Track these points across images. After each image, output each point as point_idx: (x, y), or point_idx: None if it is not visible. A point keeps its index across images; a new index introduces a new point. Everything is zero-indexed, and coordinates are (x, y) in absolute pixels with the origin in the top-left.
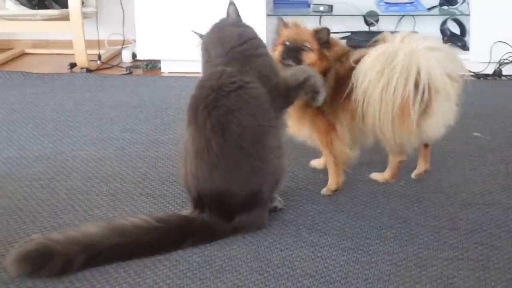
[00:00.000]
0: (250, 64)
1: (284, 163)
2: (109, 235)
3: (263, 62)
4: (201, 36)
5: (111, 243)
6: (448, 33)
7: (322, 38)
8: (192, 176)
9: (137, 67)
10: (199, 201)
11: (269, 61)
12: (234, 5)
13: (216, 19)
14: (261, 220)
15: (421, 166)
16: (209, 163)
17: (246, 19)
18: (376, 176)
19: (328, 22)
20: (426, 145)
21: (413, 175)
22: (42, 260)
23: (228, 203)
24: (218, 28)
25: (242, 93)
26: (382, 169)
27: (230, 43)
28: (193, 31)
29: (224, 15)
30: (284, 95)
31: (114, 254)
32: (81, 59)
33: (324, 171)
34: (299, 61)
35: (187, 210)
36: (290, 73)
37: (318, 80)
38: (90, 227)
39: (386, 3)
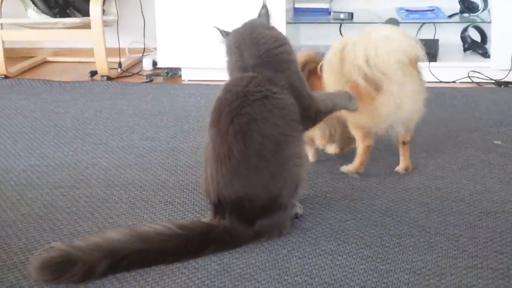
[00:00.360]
0: (284, 71)
1: (303, 171)
2: (132, 241)
3: (296, 70)
4: (224, 33)
5: (134, 249)
6: (469, 40)
7: None
8: (212, 180)
9: (157, 75)
10: (219, 206)
11: (299, 70)
12: (267, 8)
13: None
14: (282, 225)
15: (403, 162)
16: (230, 169)
17: None
18: (345, 168)
19: (348, 30)
20: (404, 143)
21: (399, 169)
22: (64, 267)
23: (248, 207)
24: (252, 28)
25: (267, 103)
26: (400, 177)
27: (266, 45)
28: (215, 27)
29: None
30: (313, 118)
31: (137, 261)
32: (102, 67)
33: (344, 180)
34: None
35: (207, 217)
36: (321, 97)
37: (344, 101)
38: (113, 234)
39: (407, 10)
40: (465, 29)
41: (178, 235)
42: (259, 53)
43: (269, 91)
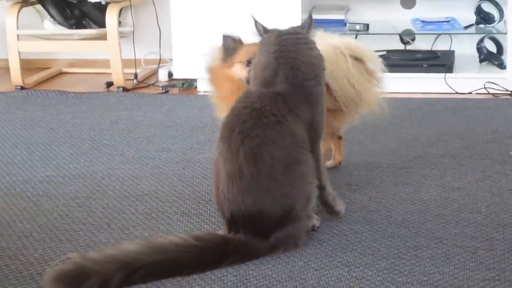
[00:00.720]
0: (311, 105)
1: (314, 187)
2: (148, 252)
3: (322, 106)
4: (262, 28)
5: (149, 261)
6: (485, 51)
7: None
8: (224, 198)
9: (173, 86)
10: (233, 222)
11: (324, 105)
12: (312, 18)
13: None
14: (298, 237)
15: (336, 158)
16: (241, 188)
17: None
18: (329, 164)
19: (364, 41)
20: (339, 137)
21: (331, 163)
22: (79, 280)
23: (261, 223)
24: (296, 43)
25: (279, 128)
26: (416, 188)
27: (304, 74)
28: (252, 17)
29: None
30: None
31: (153, 272)
32: (118, 78)
33: (361, 191)
34: None
35: (222, 230)
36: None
37: (331, 194)
38: (129, 245)
39: (423, 21)
40: (481, 40)
41: (194, 246)
42: (295, 80)
43: (283, 118)
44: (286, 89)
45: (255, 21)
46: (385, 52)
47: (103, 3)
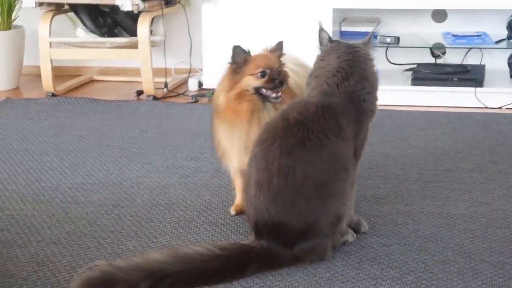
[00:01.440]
0: (357, 123)
1: (347, 208)
2: (173, 262)
3: (367, 126)
4: (327, 37)
5: (174, 270)
6: None
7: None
8: (251, 205)
9: (202, 95)
10: (257, 229)
11: (368, 126)
12: (372, 36)
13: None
14: (323, 250)
15: None
16: (267, 197)
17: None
18: None
19: (394, 54)
20: None
21: None
22: (105, 287)
23: (284, 233)
24: (366, 59)
25: (320, 151)
26: (444, 203)
27: (369, 87)
28: (319, 23)
29: (290, 47)
30: None
31: (179, 281)
32: (148, 87)
33: (388, 204)
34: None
35: (249, 238)
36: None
37: (353, 218)
38: (154, 254)
39: (454, 35)
40: None
41: (219, 255)
42: (362, 90)
43: (328, 141)
44: (345, 102)
45: (321, 29)
46: (415, 65)
47: (136, 12)
